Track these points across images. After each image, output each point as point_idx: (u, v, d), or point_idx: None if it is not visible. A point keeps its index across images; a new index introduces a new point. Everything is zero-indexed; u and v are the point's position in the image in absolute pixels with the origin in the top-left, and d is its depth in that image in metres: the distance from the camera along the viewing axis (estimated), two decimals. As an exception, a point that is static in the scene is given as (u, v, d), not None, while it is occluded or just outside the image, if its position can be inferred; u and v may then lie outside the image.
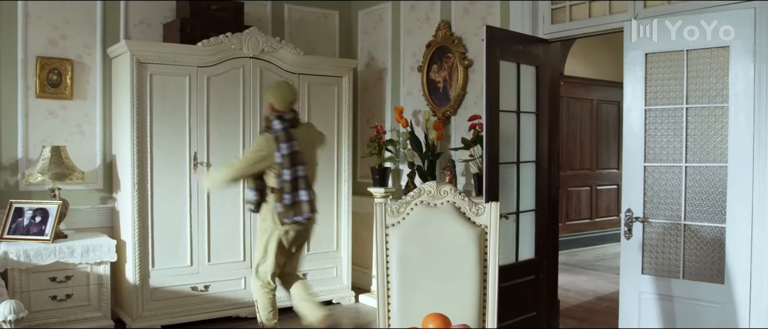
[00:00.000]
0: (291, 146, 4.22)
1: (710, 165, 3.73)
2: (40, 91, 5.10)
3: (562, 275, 6.02)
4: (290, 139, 4.23)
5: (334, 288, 5.86)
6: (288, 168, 4.20)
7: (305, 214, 4.27)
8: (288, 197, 4.22)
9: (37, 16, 5.10)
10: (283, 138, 4.22)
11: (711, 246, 3.73)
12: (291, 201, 4.23)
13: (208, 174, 4.77)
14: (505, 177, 4.44)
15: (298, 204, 4.25)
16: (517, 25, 4.90)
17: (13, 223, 4.77)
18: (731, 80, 3.61)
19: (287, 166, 4.20)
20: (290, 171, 4.21)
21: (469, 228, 3.03)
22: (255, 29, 5.39)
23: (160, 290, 5.04)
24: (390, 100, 6.17)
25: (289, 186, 4.21)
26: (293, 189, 4.23)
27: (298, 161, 4.23)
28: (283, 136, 4.22)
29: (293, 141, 4.23)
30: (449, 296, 3.00)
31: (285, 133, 4.23)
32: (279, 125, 4.25)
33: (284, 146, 4.21)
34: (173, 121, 5.04)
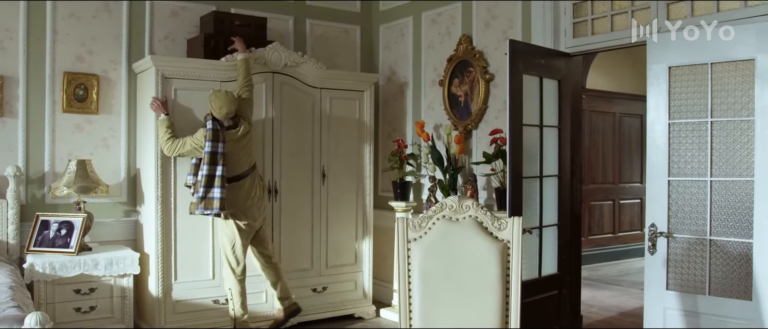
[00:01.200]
0: (212, 146, 4.61)
1: (736, 180, 3.68)
2: (66, 105, 5.19)
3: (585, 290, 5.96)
4: (215, 139, 4.63)
5: (355, 301, 5.85)
6: (206, 164, 4.60)
7: (215, 210, 4.62)
8: (202, 191, 4.62)
9: (64, 34, 5.19)
10: (209, 137, 4.63)
11: (738, 262, 3.67)
12: (203, 195, 4.61)
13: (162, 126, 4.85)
14: (527, 191, 4.42)
15: (210, 200, 4.61)
16: (538, 38, 4.89)
17: (39, 236, 4.84)
18: (757, 93, 3.56)
19: (206, 163, 4.60)
20: (207, 169, 4.60)
21: (492, 243, 3.02)
22: (277, 44, 5.44)
23: (183, 302, 5.07)
24: (411, 114, 6.18)
25: (204, 181, 4.60)
26: (207, 186, 4.61)
27: (216, 161, 4.61)
28: (209, 135, 4.63)
29: (217, 142, 4.63)
30: (471, 311, 2.98)
31: (211, 132, 4.63)
32: (209, 125, 4.65)
33: (207, 145, 4.62)
34: (196, 134, 5.08)
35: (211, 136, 4.63)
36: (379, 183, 6.41)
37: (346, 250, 5.80)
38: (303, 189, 5.56)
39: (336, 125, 5.73)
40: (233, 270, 4.86)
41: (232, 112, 4.72)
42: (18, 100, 5.04)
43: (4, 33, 4.99)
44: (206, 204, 4.61)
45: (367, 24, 6.67)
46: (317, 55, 6.21)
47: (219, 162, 4.62)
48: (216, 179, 4.61)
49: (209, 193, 4.61)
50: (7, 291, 3.53)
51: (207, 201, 4.61)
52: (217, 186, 4.61)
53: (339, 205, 5.75)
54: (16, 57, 5.03)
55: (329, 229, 5.70)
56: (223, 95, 4.70)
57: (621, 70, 8.78)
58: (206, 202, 4.61)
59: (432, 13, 5.96)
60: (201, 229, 5.13)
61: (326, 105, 5.67)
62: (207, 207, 4.62)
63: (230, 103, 4.69)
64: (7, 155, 5.00)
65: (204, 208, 4.62)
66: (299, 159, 5.53)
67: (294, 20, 6.23)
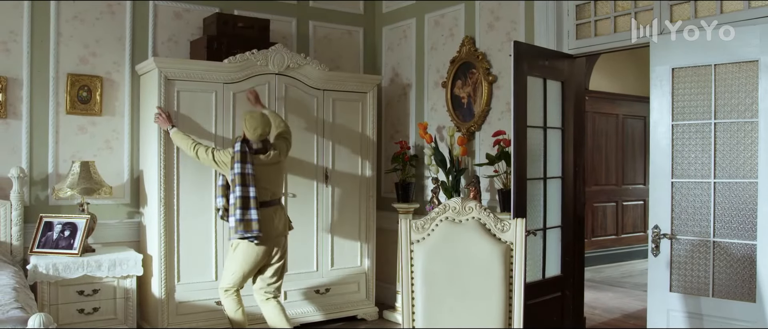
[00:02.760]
0: (242, 168, 4.49)
1: (740, 181, 3.67)
2: (70, 107, 5.20)
3: (588, 292, 5.96)
4: (243, 161, 4.50)
5: (358, 303, 5.85)
6: (238, 185, 4.47)
7: (254, 232, 4.48)
8: (238, 213, 4.48)
9: (68, 36, 5.21)
10: (238, 158, 4.50)
11: (741, 264, 3.66)
12: (241, 218, 4.47)
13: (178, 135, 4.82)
14: (531, 193, 4.42)
15: (248, 222, 4.48)
16: (541, 40, 4.89)
17: (42, 237, 4.85)
18: (761, 95, 3.55)
19: (238, 184, 4.47)
20: (240, 190, 4.47)
21: (495, 244, 3.01)
22: (280, 46, 5.45)
23: (186, 304, 5.07)
24: (414, 116, 6.19)
25: (240, 203, 4.47)
26: (243, 207, 4.47)
27: (247, 182, 4.48)
28: (238, 157, 4.50)
29: (246, 164, 4.50)
30: (474, 313, 2.98)
31: (240, 154, 4.50)
32: (237, 147, 4.53)
33: (237, 166, 4.48)
34: (200, 136, 5.09)
35: (239, 157, 4.49)
36: (382, 185, 6.42)
37: (349, 252, 5.80)
38: (306, 191, 5.56)
39: (339, 127, 5.73)
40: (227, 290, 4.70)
41: (265, 134, 4.62)
42: (22, 101, 5.05)
43: (8, 35, 5.01)
44: (245, 226, 4.46)
45: (370, 25, 6.67)
46: (320, 57, 6.21)
47: (250, 183, 4.48)
48: (251, 201, 4.48)
49: (246, 215, 4.46)
50: (11, 293, 3.53)
51: (246, 223, 4.46)
52: (253, 208, 4.48)
53: (342, 207, 5.75)
54: (20, 59, 5.04)
55: (332, 231, 5.71)
56: (259, 116, 4.60)
57: (624, 72, 8.77)
58: (245, 225, 4.46)
59: (435, 15, 5.96)
60: (204, 231, 5.13)
61: (329, 106, 5.68)
62: (247, 229, 4.46)
63: (265, 125, 4.59)
64: (11, 157, 5.02)
65: (244, 231, 4.46)
66: (302, 160, 5.53)
67: (297, 22, 6.24)
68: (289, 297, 5.46)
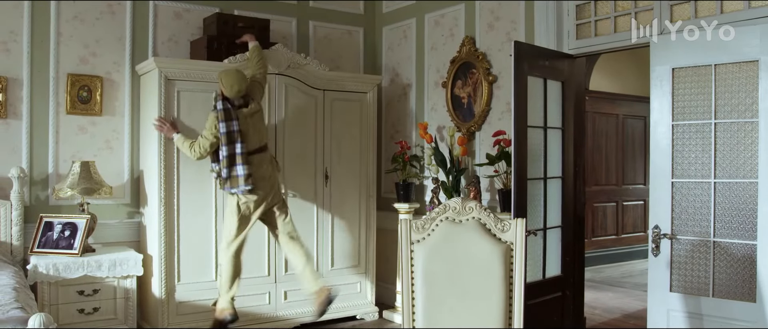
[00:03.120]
0: (227, 126, 4.60)
1: (740, 181, 3.67)
2: (70, 107, 5.20)
3: (588, 292, 5.95)
4: (228, 118, 4.61)
5: (358, 303, 5.85)
6: (225, 145, 4.61)
7: (242, 187, 4.64)
8: (225, 171, 4.65)
9: (68, 36, 5.21)
10: (222, 117, 4.61)
11: (742, 264, 3.66)
12: (227, 175, 4.64)
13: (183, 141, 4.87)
14: (531, 193, 4.42)
15: (235, 178, 4.65)
16: (541, 40, 4.89)
17: (43, 237, 4.85)
18: (761, 95, 3.55)
19: (224, 143, 4.61)
20: (227, 148, 4.62)
21: (495, 244, 3.01)
22: (280, 46, 5.45)
23: (186, 304, 5.07)
24: (414, 116, 6.19)
25: (226, 162, 4.63)
26: (229, 165, 4.64)
27: (233, 139, 4.62)
28: (222, 116, 4.61)
29: (231, 121, 4.62)
30: (474, 313, 2.98)
31: (223, 112, 4.61)
32: (219, 105, 4.63)
33: (222, 125, 4.60)
34: (200, 136, 5.09)
35: (223, 116, 4.60)
36: (382, 185, 6.42)
37: (349, 252, 5.80)
38: (306, 191, 5.56)
39: (339, 127, 5.73)
40: (228, 242, 4.77)
41: (242, 90, 4.68)
42: (22, 101, 5.05)
43: (8, 35, 5.01)
44: (232, 183, 4.64)
45: (370, 25, 6.67)
46: (320, 57, 6.21)
47: (236, 139, 4.62)
48: (237, 157, 4.63)
49: (233, 171, 4.63)
50: (11, 293, 3.53)
51: (232, 179, 4.64)
52: (239, 164, 4.63)
53: (342, 207, 5.75)
54: (20, 59, 5.04)
55: (332, 231, 5.70)
56: (233, 73, 4.67)
57: (624, 72, 8.77)
58: (231, 181, 4.64)
59: (435, 15, 5.96)
60: (204, 231, 5.13)
61: (329, 106, 5.68)
62: (233, 186, 4.65)
63: (241, 81, 4.66)
64: (11, 157, 5.02)
65: (230, 187, 4.65)
66: (302, 160, 5.53)
67: (297, 22, 6.24)
68: (289, 297, 5.46)
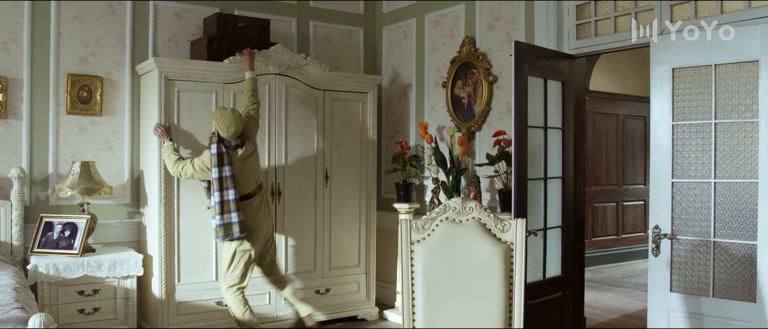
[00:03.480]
0: (220, 171, 4.55)
1: (740, 182, 3.67)
2: (70, 107, 5.20)
3: (588, 292, 5.95)
4: (221, 164, 4.55)
5: (358, 303, 5.85)
6: (217, 191, 4.55)
7: (235, 235, 4.59)
8: (219, 218, 4.58)
9: (68, 36, 5.21)
10: (214, 162, 4.55)
11: (742, 264, 3.66)
12: (221, 222, 4.58)
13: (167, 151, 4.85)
14: (532, 193, 4.42)
15: (229, 226, 4.58)
16: (541, 40, 4.89)
17: (43, 237, 4.85)
18: (761, 95, 3.55)
19: (216, 189, 4.55)
20: (219, 195, 4.55)
21: (495, 244, 3.01)
22: (280, 46, 5.45)
23: (186, 304, 5.07)
24: (414, 116, 6.19)
25: (219, 208, 4.56)
26: (222, 212, 4.57)
27: (225, 186, 4.56)
28: (215, 161, 4.56)
29: (223, 166, 4.56)
30: (475, 313, 2.98)
31: (216, 157, 4.55)
32: (214, 150, 4.57)
33: (214, 171, 4.56)
34: (200, 136, 5.09)
35: (216, 161, 4.55)
36: (382, 185, 6.42)
37: (349, 252, 5.80)
38: (306, 191, 5.56)
39: (339, 127, 5.73)
40: (231, 286, 4.78)
41: (239, 131, 4.62)
42: (22, 101, 5.05)
43: (8, 35, 5.01)
44: (226, 230, 4.58)
45: (370, 26, 6.67)
46: (320, 57, 6.21)
47: (229, 186, 4.57)
48: (231, 203, 4.57)
49: (227, 219, 4.57)
50: (11, 293, 3.54)
51: (226, 227, 4.57)
52: (233, 211, 4.57)
53: (342, 207, 5.76)
54: (20, 59, 5.05)
55: (332, 231, 5.71)
56: (229, 114, 4.59)
57: (624, 72, 8.77)
58: (226, 229, 4.58)
59: (435, 15, 5.96)
60: (204, 231, 5.12)
61: (329, 106, 5.68)
62: (227, 233, 4.59)
63: (238, 122, 4.59)
64: (11, 157, 5.02)
65: (224, 235, 4.59)
66: (302, 160, 5.53)
67: (297, 22, 6.24)
68: (290, 297, 5.46)
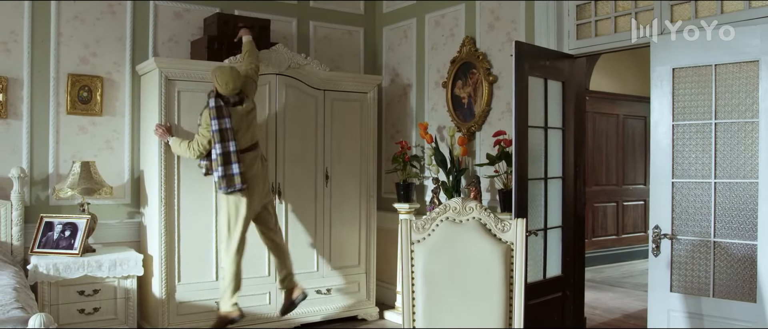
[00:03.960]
0: (220, 123, 4.57)
1: (740, 182, 3.67)
2: (70, 107, 5.20)
3: (588, 292, 5.95)
4: (220, 116, 4.58)
5: (359, 303, 5.85)
6: (218, 143, 4.57)
7: (238, 186, 4.60)
8: (221, 170, 4.59)
9: (69, 36, 5.21)
10: (214, 115, 4.58)
11: (742, 264, 3.66)
12: (223, 174, 4.59)
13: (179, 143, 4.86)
14: (532, 193, 4.42)
15: (231, 177, 4.59)
16: (541, 40, 4.89)
17: (43, 237, 4.85)
18: (761, 95, 3.55)
19: (217, 141, 4.57)
20: (220, 147, 4.57)
21: (495, 244, 3.01)
22: (281, 46, 5.45)
23: (186, 304, 5.07)
24: (415, 116, 6.19)
25: (221, 160, 4.58)
26: (224, 163, 4.58)
27: (226, 138, 4.58)
28: (214, 113, 4.58)
29: (223, 118, 4.58)
30: (475, 313, 2.98)
31: (216, 110, 4.58)
32: (212, 103, 4.60)
33: (214, 123, 4.57)
34: (200, 136, 5.09)
35: (216, 113, 4.58)
36: (382, 185, 6.42)
37: (349, 252, 5.80)
38: (306, 191, 5.56)
39: (339, 127, 5.73)
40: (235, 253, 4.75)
41: (237, 88, 4.67)
42: (22, 101, 5.05)
43: (8, 35, 5.01)
44: (228, 181, 4.59)
45: (370, 26, 6.67)
46: (320, 57, 6.22)
47: (229, 138, 4.59)
48: (232, 155, 4.59)
49: (229, 170, 4.59)
50: (11, 293, 3.54)
51: (228, 178, 4.59)
52: (234, 162, 4.59)
53: (342, 207, 5.75)
54: (20, 59, 5.05)
55: (333, 231, 5.70)
56: (228, 70, 4.66)
57: (625, 72, 8.77)
58: (228, 180, 4.59)
59: (435, 15, 5.96)
60: (204, 231, 5.13)
61: (329, 107, 5.68)
62: (229, 184, 4.60)
63: (236, 78, 4.65)
64: (12, 157, 5.02)
65: (227, 186, 4.60)
66: (303, 161, 5.53)
67: (297, 22, 6.24)
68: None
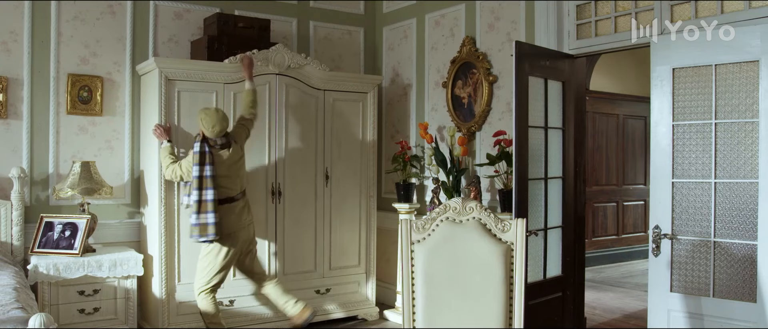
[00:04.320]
0: (200, 170, 4.53)
1: (740, 182, 3.67)
2: (71, 107, 5.20)
3: (588, 292, 5.95)
4: (202, 163, 4.54)
5: (359, 303, 5.85)
6: (196, 189, 4.53)
7: (210, 236, 4.55)
8: (194, 217, 4.55)
9: (69, 36, 5.21)
10: (195, 160, 4.54)
11: (742, 264, 3.66)
12: (197, 222, 4.54)
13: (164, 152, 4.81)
14: (532, 193, 4.42)
15: (204, 227, 4.54)
16: (542, 40, 4.89)
17: (43, 237, 4.85)
18: (761, 95, 3.55)
19: (195, 187, 4.53)
20: (197, 193, 4.53)
21: (495, 244, 3.01)
22: (281, 46, 5.45)
23: (186, 304, 5.07)
24: (415, 116, 6.19)
25: (196, 207, 4.53)
26: (199, 211, 4.53)
27: (204, 185, 4.53)
28: (196, 159, 4.54)
29: (204, 165, 4.54)
30: (475, 313, 2.98)
31: (198, 155, 4.54)
32: (197, 148, 4.56)
33: (195, 169, 4.55)
34: (200, 136, 5.09)
35: (198, 159, 4.54)
36: (382, 185, 6.42)
37: (349, 252, 5.81)
38: (306, 191, 5.56)
39: (339, 127, 5.73)
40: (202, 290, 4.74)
41: (223, 130, 4.63)
42: (22, 101, 5.05)
43: (8, 35, 5.01)
44: (201, 230, 4.55)
45: (370, 26, 6.67)
46: (321, 57, 6.22)
47: (207, 185, 4.54)
48: (208, 204, 4.54)
49: (202, 219, 4.54)
50: (12, 293, 3.53)
51: (201, 227, 4.54)
52: (210, 211, 4.54)
53: (342, 207, 5.76)
54: (20, 59, 5.05)
55: (333, 231, 5.71)
56: (213, 113, 4.62)
57: (625, 72, 8.77)
58: (201, 229, 4.54)
59: (435, 15, 5.96)
60: (204, 231, 5.13)
61: (330, 107, 5.68)
62: (202, 233, 4.55)
63: (222, 120, 4.61)
64: (12, 157, 5.02)
65: (199, 235, 4.56)
66: (303, 160, 5.53)
67: (297, 22, 6.24)
68: (290, 297, 5.46)
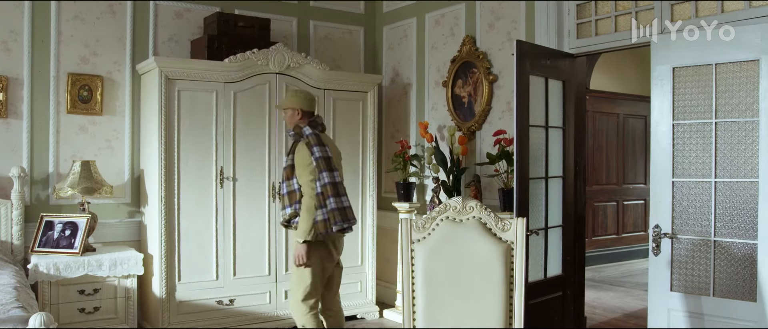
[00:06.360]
0: (321, 151, 3.90)
1: (741, 181, 3.67)
2: (71, 106, 5.20)
3: (588, 291, 5.95)
4: (320, 143, 3.95)
5: (359, 302, 5.85)
6: (325, 171, 3.88)
7: (352, 220, 3.93)
8: (332, 201, 3.86)
9: (69, 35, 5.21)
10: (315, 141, 3.94)
11: (742, 263, 3.66)
12: (336, 206, 3.86)
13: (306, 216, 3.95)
14: (533, 192, 4.42)
15: (343, 210, 3.88)
16: (542, 39, 4.89)
17: (43, 236, 4.85)
18: (762, 94, 3.55)
19: (325, 169, 3.88)
20: (328, 175, 3.87)
21: (496, 244, 3.01)
22: (281, 45, 5.45)
23: (186, 303, 5.07)
24: (415, 115, 6.19)
25: (331, 190, 3.86)
26: (335, 194, 3.86)
27: (332, 167, 3.92)
28: (315, 140, 3.94)
29: (325, 146, 3.96)
30: (475, 312, 2.98)
31: (315, 136, 3.96)
32: (309, 130, 3.98)
33: (315, 150, 3.90)
34: (200, 136, 5.10)
35: (315, 140, 3.93)
36: (382, 185, 6.42)
37: (349, 252, 5.79)
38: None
39: (340, 126, 5.73)
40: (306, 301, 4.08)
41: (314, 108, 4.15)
42: (22, 101, 5.05)
43: (8, 34, 5.01)
44: (342, 215, 3.86)
45: (370, 25, 6.67)
46: (321, 57, 6.22)
47: (334, 167, 3.91)
48: (338, 186, 3.88)
49: (341, 202, 3.87)
50: (12, 292, 3.54)
51: (341, 211, 3.85)
52: (344, 194, 3.91)
53: (342, 206, 5.74)
54: (20, 58, 5.05)
55: (333, 230, 5.70)
56: (301, 91, 4.22)
57: (625, 71, 8.77)
58: (341, 213, 3.85)
59: (435, 14, 5.96)
60: (204, 230, 5.13)
61: (330, 106, 5.68)
62: (344, 218, 3.87)
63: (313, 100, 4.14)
64: (12, 156, 5.02)
65: (342, 221, 3.86)
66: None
67: (297, 21, 6.24)
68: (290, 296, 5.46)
